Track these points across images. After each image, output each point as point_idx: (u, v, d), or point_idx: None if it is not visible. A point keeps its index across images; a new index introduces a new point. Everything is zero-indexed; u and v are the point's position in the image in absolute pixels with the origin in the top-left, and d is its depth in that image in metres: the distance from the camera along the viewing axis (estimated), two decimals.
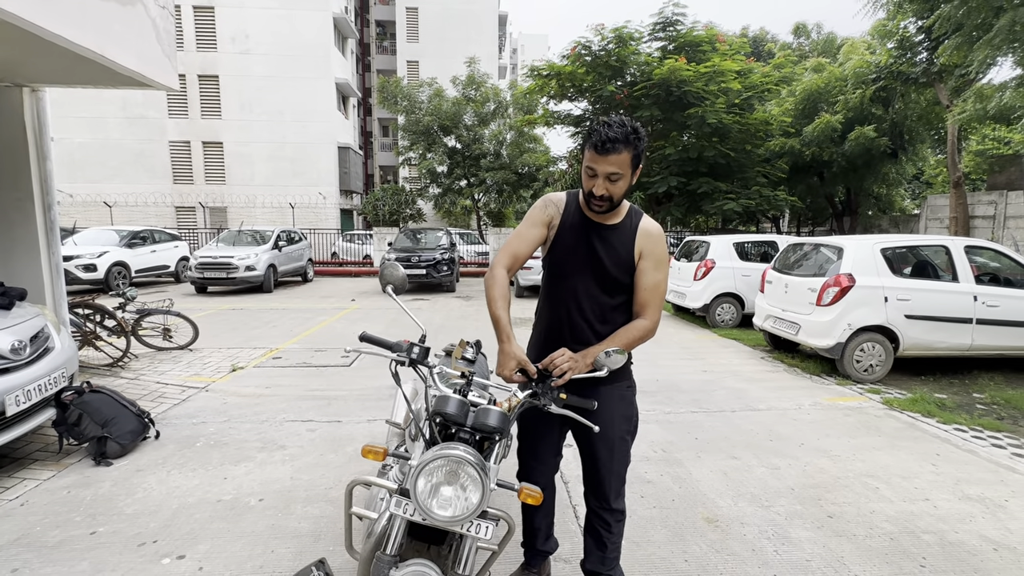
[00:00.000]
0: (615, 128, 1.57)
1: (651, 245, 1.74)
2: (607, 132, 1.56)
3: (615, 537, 1.90)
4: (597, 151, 1.58)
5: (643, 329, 1.73)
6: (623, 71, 12.50)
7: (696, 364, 5.82)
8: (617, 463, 1.83)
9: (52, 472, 3.05)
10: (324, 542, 2.42)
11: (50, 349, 3.24)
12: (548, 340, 1.83)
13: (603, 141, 1.56)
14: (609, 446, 1.80)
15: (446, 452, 1.30)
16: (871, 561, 2.35)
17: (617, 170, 1.59)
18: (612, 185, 1.62)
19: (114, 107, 21.17)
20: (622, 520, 1.90)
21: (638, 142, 1.59)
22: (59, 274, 4.55)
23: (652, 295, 1.74)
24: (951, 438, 3.78)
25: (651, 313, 1.74)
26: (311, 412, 4.11)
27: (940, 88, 12.40)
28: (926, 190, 21.91)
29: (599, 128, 1.59)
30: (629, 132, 1.57)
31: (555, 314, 1.82)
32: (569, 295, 1.78)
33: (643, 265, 1.73)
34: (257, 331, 7.32)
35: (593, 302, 1.76)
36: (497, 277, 1.72)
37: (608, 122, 1.59)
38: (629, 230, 1.75)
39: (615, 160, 1.58)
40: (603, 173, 1.60)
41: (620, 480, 1.85)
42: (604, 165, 1.59)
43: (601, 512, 1.87)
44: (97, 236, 12.34)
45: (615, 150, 1.56)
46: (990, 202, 12.50)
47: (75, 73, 3.93)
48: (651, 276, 1.73)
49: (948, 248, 5.31)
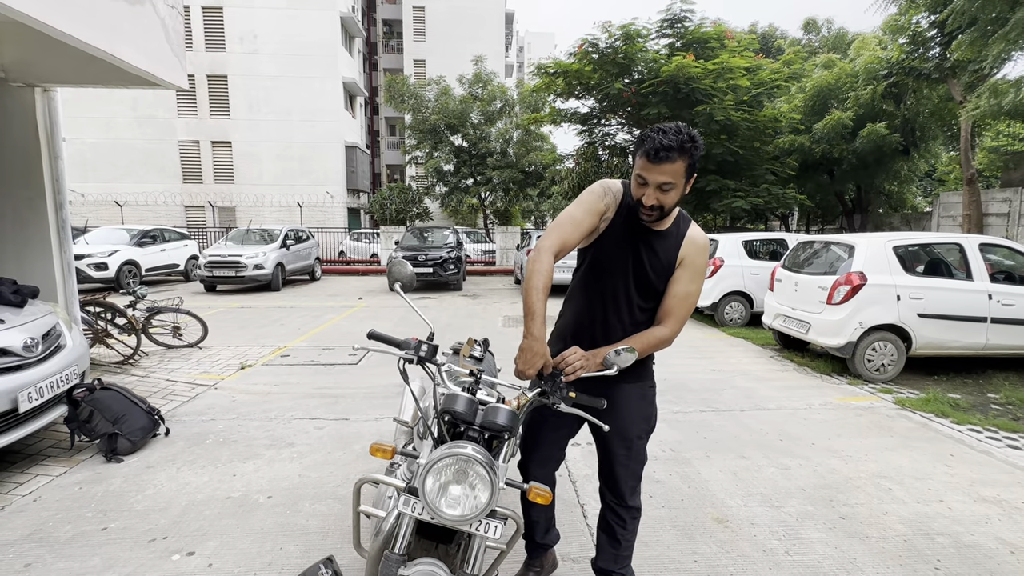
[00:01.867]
0: (670, 135, 1.47)
1: (694, 255, 1.68)
2: (662, 139, 1.47)
3: (629, 535, 1.90)
4: (650, 159, 1.49)
5: (660, 338, 1.67)
6: (630, 69, 12.41)
7: (705, 363, 5.77)
8: (634, 461, 1.84)
9: (64, 468, 3.08)
10: (332, 539, 2.42)
11: (62, 347, 3.27)
12: (576, 337, 1.77)
13: (657, 149, 1.47)
14: (627, 444, 1.81)
15: (455, 451, 1.29)
16: (884, 563, 2.31)
17: (670, 180, 1.51)
18: (664, 195, 1.54)
19: (124, 107, 21.38)
20: (637, 517, 1.91)
21: (695, 150, 1.50)
22: (71, 272, 4.59)
23: (680, 305, 1.68)
24: (965, 439, 3.72)
25: (673, 323, 1.69)
26: (319, 410, 4.12)
27: (953, 84, 12.22)
28: (938, 187, 21.60)
29: (652, 135, 1.49)
30: (685, 140, 1.48)
31: (589, 311, 1.76)
32: (607, 294, 1.73)
33: (679, 273, 1.68)
34: (265, 329, 7.36)
35: (629, 304, 1.72)
36: (545, 265, 1.55)
37: (663, 128, 1.50)
38: (676, 237, 1.68)
39: (669, 170, 1.49)
40: (655, 183, 1.52)
41: (636, 478, 1.87)
42: (656, 175, 1.50)
43: (617, 508, 1.88)
44: (108, 235, 12.47)
45: (669, 159, 1.47)
46: (1004, 199, 12.29)
47: (86, 73, 3.97)
48: (684, 286, 1.68)
49: (962, 246, 5.22)
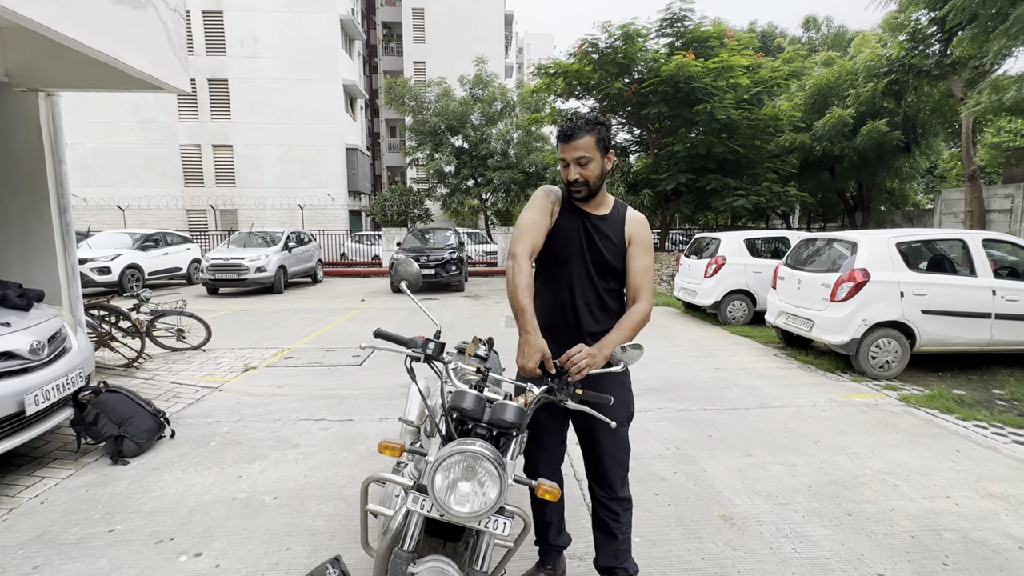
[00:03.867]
0: (576, 120, 1.76)
1: (639, 231, 1.86)
2: (569, 124, 1.76)
3: (624, 527, 1.91)
4: (562, 140, 1.75)
5: (643, 313, 1.80)
6: (630, 68, 12.42)
7: (708, 361, 5.77)
8: (620, 450, 1.88)
9: (71, 471, 3.09)
10: (339, 539, 2.42)
11: (67, 349, 3.29)
12: (550, 325, 1.82)
13: (565, 130, 1.74)
14: (611, 433, 1.81)
15: (463, 447, 1.30)
16: (892, 559, 2.31)
17: (584, 153, 1.72)
18: (584, 169, 1.74)
19: (126, 112, 21.46)
20: (629, 508, 1.93)
21: (600, 127, 1.74)
22: (75, 276, 4.61)
23: (644, 278, 1.83)
24: (971, 435, 3.71)
25: (645, 296, 1.82)
26: (323, 411, 4.13)
27: (954, 80, 12.20)
28: (940, 184, 21.56)
29: (563, 124, 1.79)
30: (589, 119, 1.74)
31: (558, 300, 1.87)
32: (567, 281, 1.86)
33: (633, 251, 1.84)
34: (268, 331, 7.37)
35: (593, 285, 1.85)
36: (524, 266, 1.69)
37: (570, 117, 1.84)
38: (618, 219, 1.87)
39: (580, 144, 1.72)
40: (572, 159, 1.74)
41: (623, 467, 1.90)
42: (571, 152, 1.73)
43: (608, 502, 1.90)
44: (111, 239, 12.51)
45: (577, 135, 1.72)
46: (1007, 195, 12.27)
47: (89, 77, 3.99)
48: (641, 260, 1.84)
49: (965, 242, 5.21)
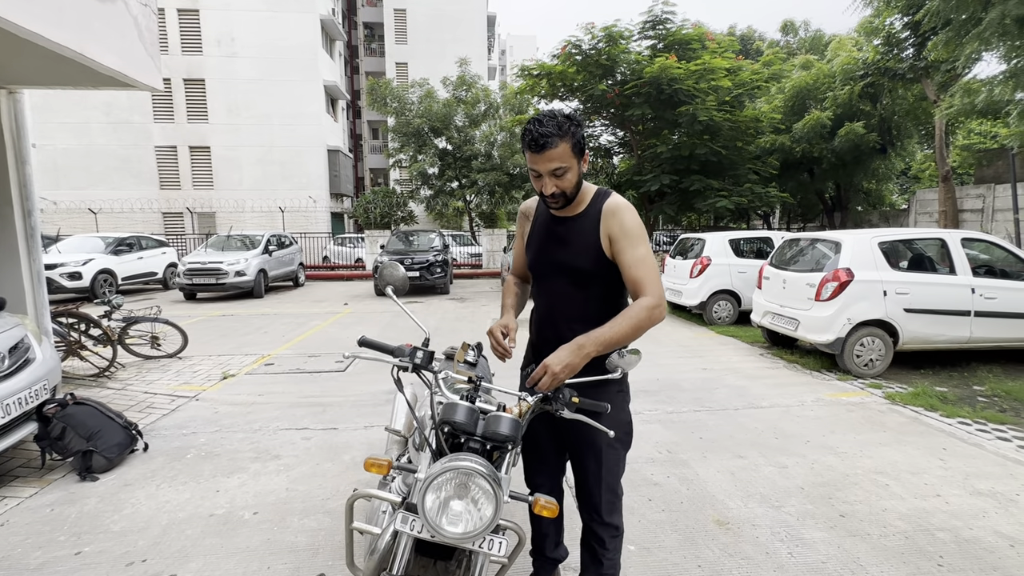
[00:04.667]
0: (546, 123, 1.49)
1: (617, 224, 1.59)
2: (538, 129, 1.49)
3: (611, 554, 1.77)
4: (533, 150, 1.51)
5: (647, 307, 1.48)
6: (614, 70, 12.46)
7: (695, 362, 5.77)
8: (607, 473, 1.70)
9: (35, 489, 2.92)
10: (323, 556, 2.32)
11: (31, 360, 3.11)
12: (540, 336, 1.83)
13: (535, 139, 1.49)
14: (596, 454, 1.68)
15: (456, 464, 1.22)
16: (888, 562, 2.29)
17: (559, 164, 1.52)
18: (560, 180, 1.55)
19: (98, 112, 20.81)
20: (617, 536, 1.77)
21: (574, 128, 1.52)
22: (41, 282, 4.39)
23: (641, 269, 1.54)
24: (956, 432, 3.75)
25: (650, 287, 1.52)
26: (306, 420, 4.00)
27: (927, 83, 12.52)
28: (914, 185, 22.14)
29: (531, 127, 1.51)
30: (561, 122, 1.50)
31: (542, 309, 1.81)
32: (546, 295, 1.77)
33: (617, 247, 1.59)
34: (248, 337, 7.17)
35: (567, 299, 1.70)
36: (507, 281, 1.94)
37: (538, 119, 1.52)
38: (592, 217, 1.64)
39: (554, 155, 1.50)
40: (546, 171, 1.53)
41: (612, 492, 1.73)
42: (544, 163, 1.52)
43: (593, 526, 1.76)
44: (82, 243, 12.09)
45: (550, 144, 1.49)
46: (978, 195, 12.63)
47: (54, 73, 3.80)
48: (630, 253, 1.56)
49: (945, 241, 5.30)
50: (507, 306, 1.85)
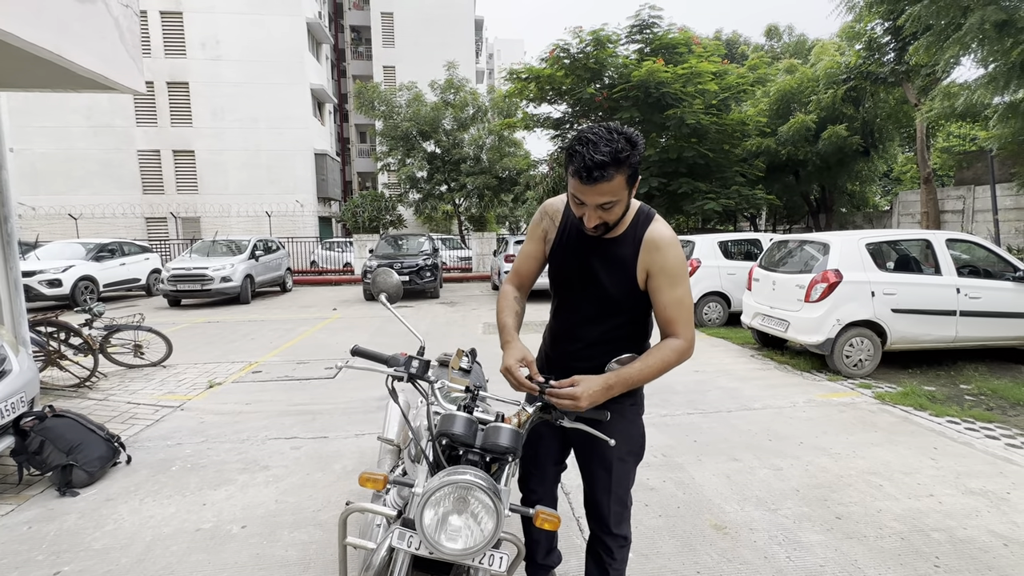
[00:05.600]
0: (602, 147, 1.22)
1: (660, 260, 1.45)
2: (592, 156, 1.22)
3: (618, 563, 1.73)
4: (583, 181, 1.27)
5: (677, 351, 1.43)
6: (602, 73, 12.53)
7: (687, 364, 5.68)
8: (616, 485, 1.66)
9: (11, 506, 2.81)
10: (314, 571, 2.25)
11: (6, 372, 3.00)
12: (555, 348, 1.73)
13: (589, 169, 1.24)
14: (606, 466, 1.64)
15: (455, 478, 1.17)
16: (885, 564, 2.28)
17: (610, 199, 1.30)
18: (606, 212, 1.35)
19: (79, 116, 20.42)
20: (625, 546, 1.74)
21: (632, 157, 1.27)
22: (18, 291, 4.26)
23: (675, 311, 1.45)
24: (946, 431, 3.79)
25: (682, 330, 1.45)
26: (295, 428, 3.91)
27: (908, 87, 12.75)
28: (896, 187, 22.53)
29: (581, 150, 1.24)
30: (620, 149, 1.24)
31: (558, 327, 1.70)
32: (568, 311, 1.65)
33: (654, 284, 1.47)
34: (235, 344, 7.04)
35: (592, 321, 1.59)
36: (504, 291, 1.67)
37: (591, 139, 1.24)
38: (632, 244, 1.47)
39: (606, 188, 1.27)
40: (593, 204, 1.32)
41: (621, 503, 1.69)
42: (593, 196, 1.30)
43: (602, 536, 1.72)
44: (62, 250, 11.81)
45: (605, 177, 1.25)
46: (959, 197, 12.89)
47: (32, 76, 3.69)
48: (667, 294, 1.45)
49: (931, 242, 5.37)
50: (509, 328, 1.56)
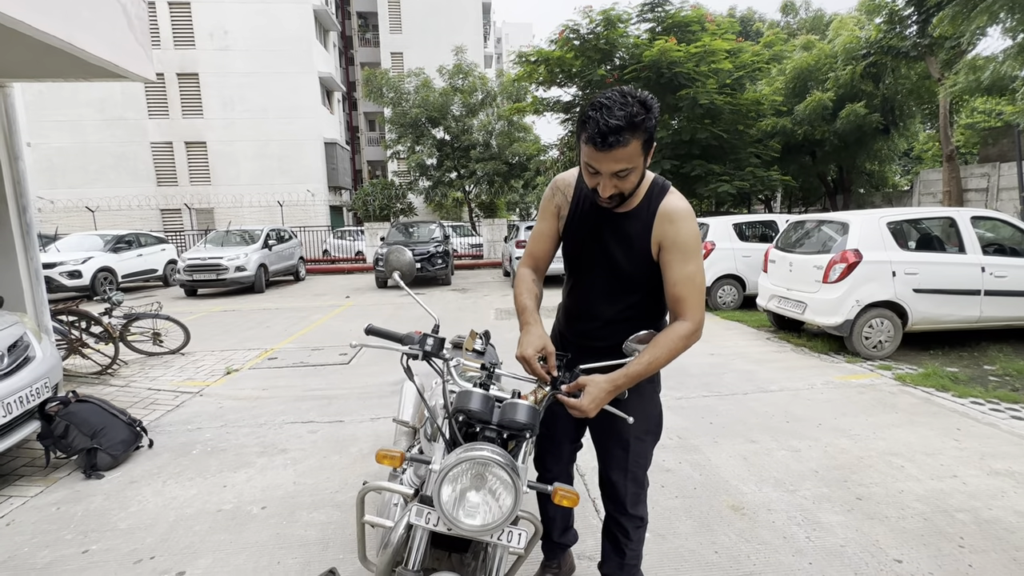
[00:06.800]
0: (616, 112, 1.19)
1: (672, 233, 1.40)
2: (606, 121, 1.18)
3: (634, 544, 1.72)
4: (597, 147, 1.22)
5: (683, 335, 1.38)
6: (612, 54, 12.28)
7: (702, 347, 5.69)
8: (633, 464, 1.64)
9: (40, 488, 2.88)
10: (333, 550, 2.28)
11: (31, 358, 3.06)
12: (569, 327, 1.71)
13: (603, 134, 1.20)
14: (623, 445, 1.62)
15: (472, 454, 1.16)
16: (908, 544, 2.25)
17: (626, 165, 1.26)
18: (621, 181, 1.30)
19: (92, 109, 20.62)
20: (641, 527, 1.73)
21: (648, 121, 1.22)
22: (39, 280, 4.34)
23: (686, 288, 1.40)
24: (969, 412, 3.71)
25: (691, 311, 1.40)
26: (311, 413, 3.96)
27: (931, 61, 12.32)
28: (916, 166, 21.93)
29: (595, 115, 1.20)
30: (635, 112, 1.20)
31: (573, 304, 1.67)
32: (583, 289, 1.62)
33: (666, 258, 1.42)
34: (251, 332, 7.13)
35: (607, 299, 1.57)
36: (520, 275, 1.62)
37: (605, 103, 1.20)
38: (646, 218, 1.43)
39: (621, 155, 1.23)
40: (607, 172, 1.27)
41: (637, 483, 1.66)
42: (608, 163, 1.25)
43: (618, 516, 1.71)
44: (81, 242, 12.02)
45: (620, 142, 1.20)
46: (983, 174, 12.48)
47: (43, 65, 3.70)
48: (678, 269, 1.41)
49: (954, 219, 5.22)
50: (530, 309, 1.49)
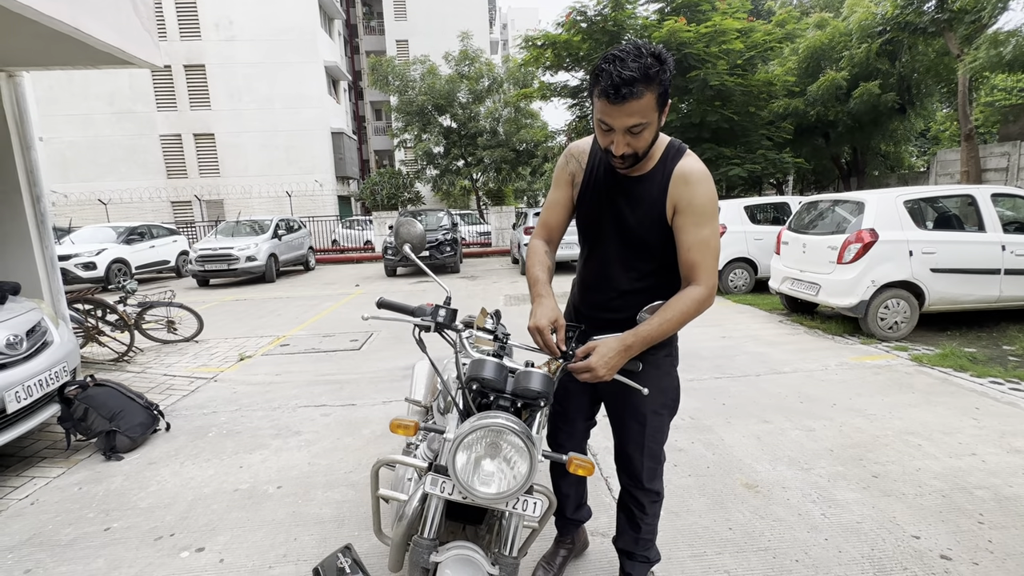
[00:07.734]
0: (630, 64, 1.17)
1: (688, 195, 1.36)
2: (620, 72, 1.17)
3: (650, 519, 1.71)
4: (611, 100, 1.20)
5: (696, 299, 1.35)
6: (620, 36, 12.05)
7: (714, 331, 5.67)
8: (649, 439, 1.62)
9: (62, 469, 2.95)
10: (348, 527, 2.31)
11: (49, 343, 3.11)
12: (584, 299, 1.68)
13: (616, 86, 1.18)
14: (640, 419, 1.61)
15: (487, 421, 1.16)
16: (925, 520, 2.23)
17: (640, 120, 1.23)
18: (635, 139, 1.27)
19: (101, 103, 20.77)
20: (658, 501, 1.72)
21: (662, 73, 1.20)
22: (54, 268, 4.39)
23: (700, 253, 1.37)
24: (988, 391, 3.64)
25: (704, 276, 1.37)
26: (324, 397, 3.99)
27: (950, 37, 11.95)
28: (933, 147, 21.43)
29: (608, 68, 1.19)
30: (648, 64, 1.18)
31: (587, 276, 1.64)
32: (597, 260, 1.58)
33: (679, 221, 1.39)
34: (263, 320, 7.19)
35: (623, 268, 1.52)
36: (533, 247, 1.59)
37: (618, 56, 1.19)
38: (660, 180, 1.39)
39: (635, 108, 1.20)
40: (621, 127, 1.24)
41: (654, 458, 1.65)
42: (622, 118, 1.22)
43: (633, 491, 1.70)
44: (94, 234, 12.17)
45: (634, 94, 1.18)
46: (1003, 153, 12.15)
47: (51, 53, 3.71)
48: (692, 233, 1.37)
49: (974, 197, 5.09)
50: (542, 281, 1.48)
